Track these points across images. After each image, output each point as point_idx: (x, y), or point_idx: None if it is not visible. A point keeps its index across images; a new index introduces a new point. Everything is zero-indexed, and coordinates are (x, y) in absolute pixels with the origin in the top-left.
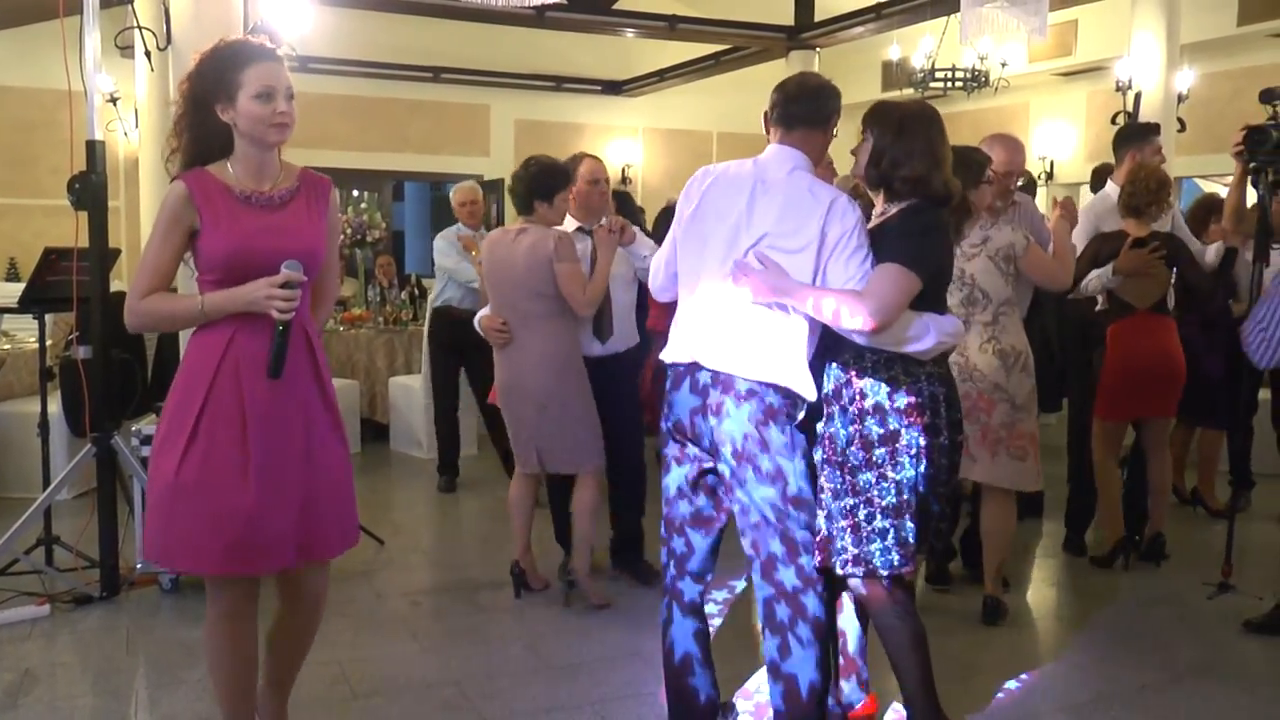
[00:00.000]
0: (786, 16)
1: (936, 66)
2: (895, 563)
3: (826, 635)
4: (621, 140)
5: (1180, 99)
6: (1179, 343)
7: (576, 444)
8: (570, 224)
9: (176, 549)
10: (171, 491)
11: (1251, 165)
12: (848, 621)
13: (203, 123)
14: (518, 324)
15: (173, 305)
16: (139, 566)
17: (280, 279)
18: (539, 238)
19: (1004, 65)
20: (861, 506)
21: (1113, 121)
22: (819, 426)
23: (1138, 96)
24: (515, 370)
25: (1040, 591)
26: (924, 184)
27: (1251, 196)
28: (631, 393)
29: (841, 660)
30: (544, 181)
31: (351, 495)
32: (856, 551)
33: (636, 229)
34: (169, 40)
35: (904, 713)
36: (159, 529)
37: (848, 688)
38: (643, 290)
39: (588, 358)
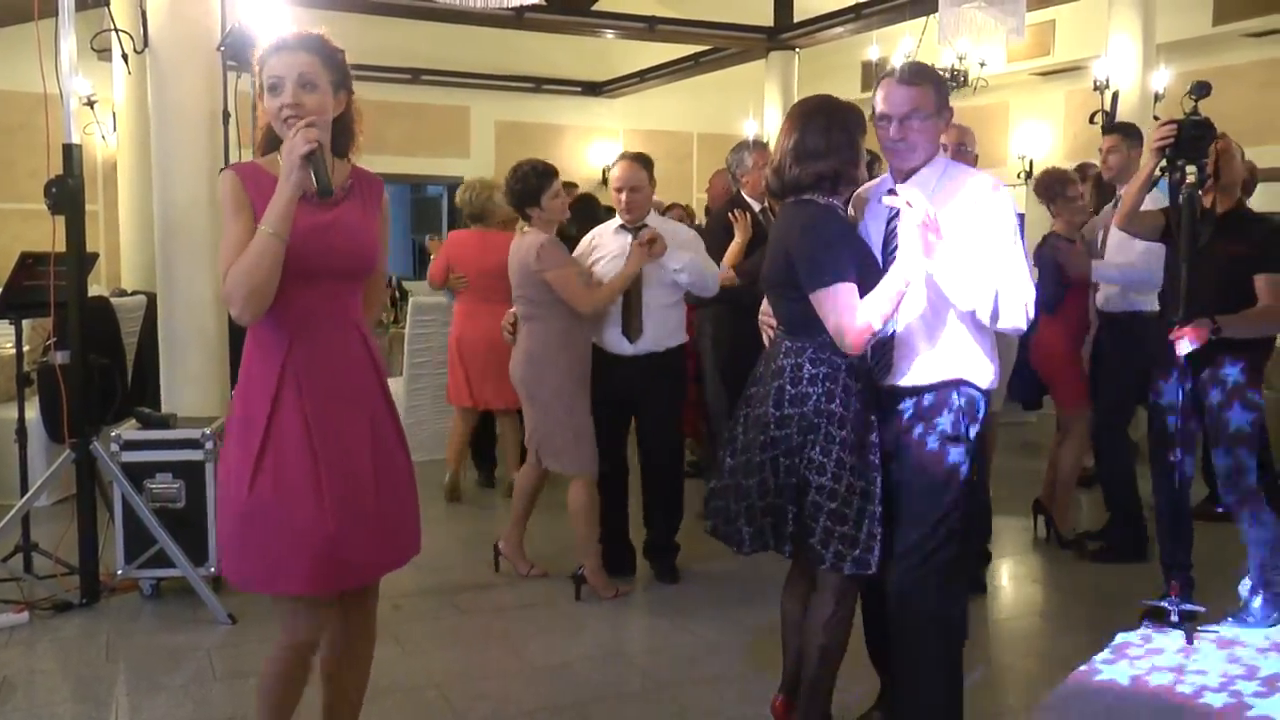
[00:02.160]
0: (766, 17)
1: None
2: None
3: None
4: (602, 141)
5: (1157, 98)
6: (1052, 336)
7: (556, 445)
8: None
9: (257, 572)
10: (245, 514)
11: (1163, 163)
12: None
13: (268, 128)
14: (519, 320)
15: (248, 254)
16: (119, 572)
17: (291, 130)
18: (527, 244)
19: (983, 65)
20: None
21: (1091, 121)
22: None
23: (1115, 96)
24: (512, 363)
25: (1024, 588)
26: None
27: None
28: (670, 393)
29: None
30: (524, 190)
31: (415, 502)
32: None
33: (681, 232)
34: (146, 43)
35: None
36: (236, 552)
37: None
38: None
39: (620, 356)
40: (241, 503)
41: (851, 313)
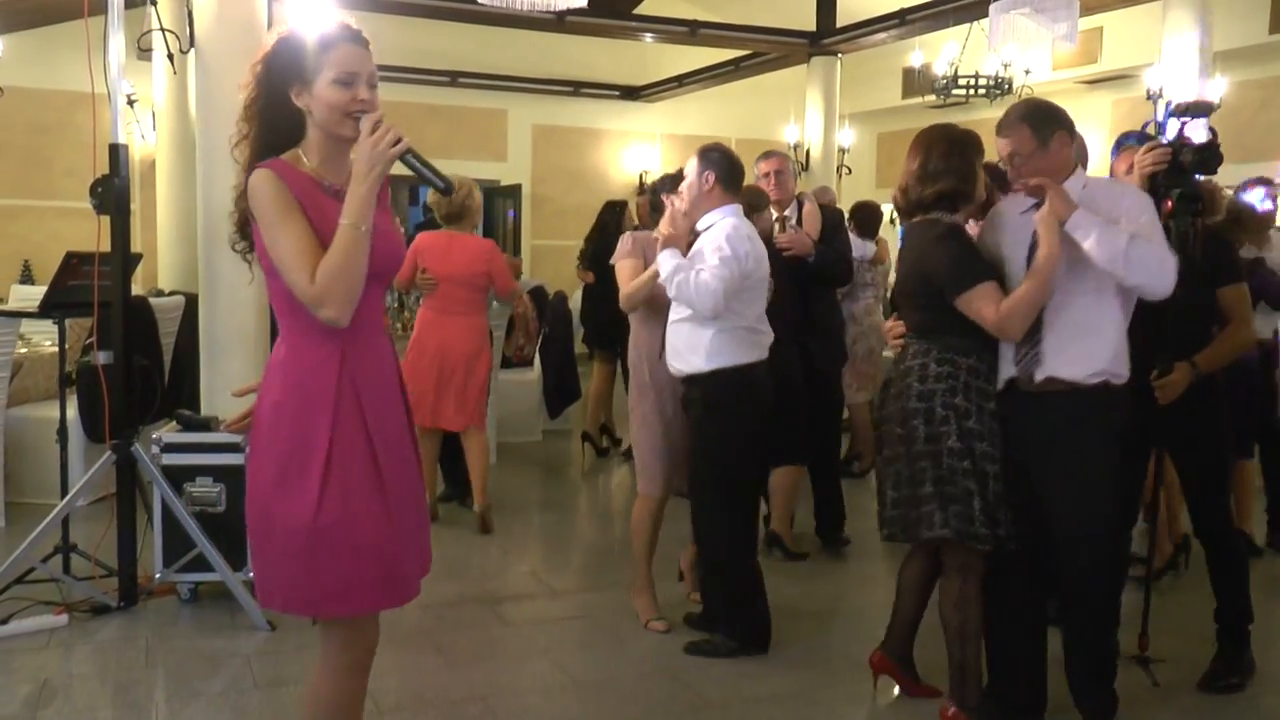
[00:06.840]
0: (808, 22)
1: (959, 73)
2: None
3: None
4: (639, 146)
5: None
6: None
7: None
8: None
9: (327, 595)
10: (311, 537)
11: (1156, 190)
12: None
13: (275, 107)
14: None
15: (337, 252)
16: (157, 576)
17: (368, 126)
18: None
19: (1027, 73)
20: None
21: (1143, 129)
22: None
23: (1168, 105)
24: None
25: None
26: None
27: None
28: (695, 424)
29: None
30: (655, 197)
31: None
32: None
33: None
34: (192, 43)
35: None
36: (301, 579)
37: None
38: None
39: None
40: (307, 527)
41: (1000, 304)
